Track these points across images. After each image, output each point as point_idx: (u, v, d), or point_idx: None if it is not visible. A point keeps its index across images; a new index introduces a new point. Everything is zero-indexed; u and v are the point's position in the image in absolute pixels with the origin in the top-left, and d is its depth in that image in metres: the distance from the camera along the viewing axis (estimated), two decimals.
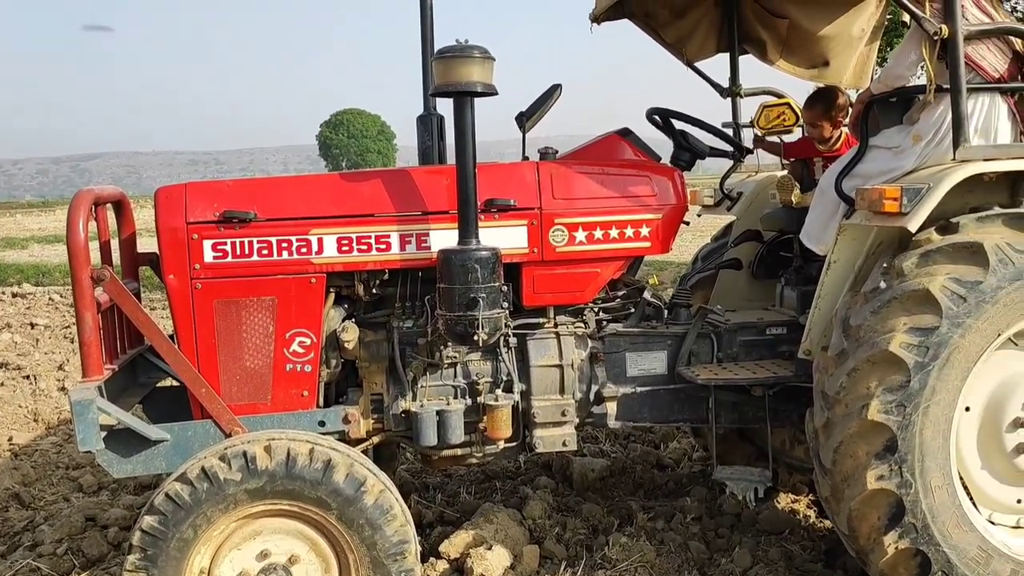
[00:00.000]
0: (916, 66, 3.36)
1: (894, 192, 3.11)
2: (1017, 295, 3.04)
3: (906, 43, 3.41)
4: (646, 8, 4.54)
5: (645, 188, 3.69)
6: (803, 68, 4.78)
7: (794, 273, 4.19)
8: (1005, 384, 3.26)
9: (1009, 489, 3.32)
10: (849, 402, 3.14)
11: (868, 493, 3.10)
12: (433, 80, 3.27)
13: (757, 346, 3.97)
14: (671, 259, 13.00)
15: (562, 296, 3.69)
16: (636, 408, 3.83)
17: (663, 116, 3.98)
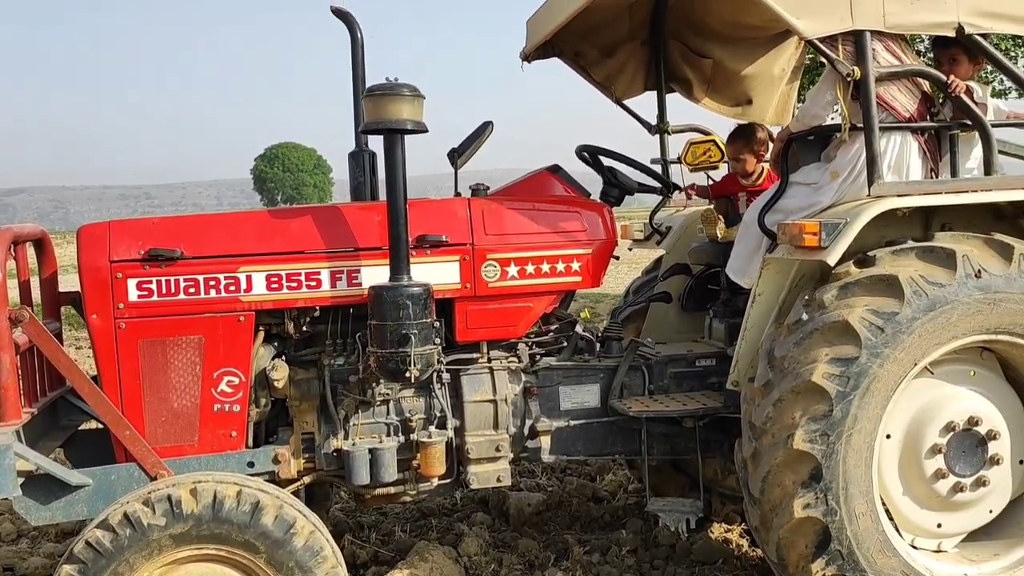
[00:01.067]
0: (831, 106, 3.50)
1: (813, 227, 3.21)
2: (931, 325, 3.16)
3: (822, 84, 3.55)
4: (575, 47, 4.63)
5: (575, 223, 3.74)
6: (727, 106, 4.92)
7: (722, 306, 4.28)
8: (923, 412, 3.36)
9: (929, 514, 3.42)
10: (775, 432, 3.21)
11: (795, 521, 3.17)
12: (363, 117, 3.29)
13: (687, 378, 4.03)
14: (607, 291, 13.15)
15: (495, 331, 3.70)
16: (570, 441, 3.85)
17: (592, 153, 4.05)
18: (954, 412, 3.34)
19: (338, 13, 3.89)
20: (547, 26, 4.19)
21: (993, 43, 8.80)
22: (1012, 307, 3.21)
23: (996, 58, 3.47)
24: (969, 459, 3.37)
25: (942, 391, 3.39)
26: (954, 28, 3.32)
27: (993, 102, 3.88)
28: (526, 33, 4.55)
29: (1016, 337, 3.27)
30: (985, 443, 3.37)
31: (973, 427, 3.35)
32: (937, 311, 3.15)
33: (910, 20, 3.29)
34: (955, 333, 3.21)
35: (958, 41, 3.44)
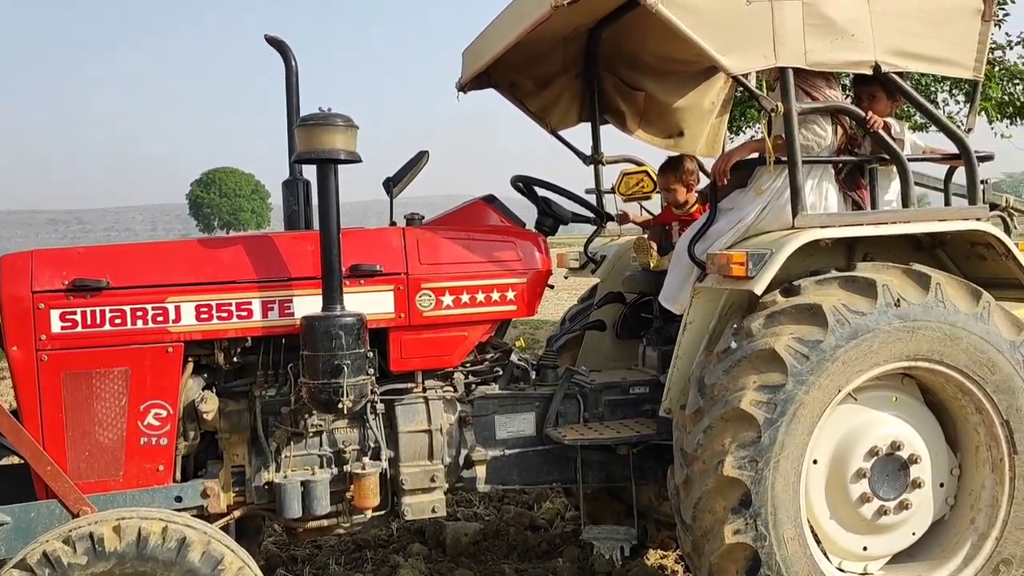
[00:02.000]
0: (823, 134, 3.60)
1: (740, 257, 3.29)
2: (854, 353, 3.25)
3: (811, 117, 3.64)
4: (511, 78, 4.69)
5: (510, 253, 3.77)
6: (660, 138, 5.02)
7: (655, 333, 4.34)
8: (848, 437, 3.45)
9: (856, 537, 3.50)
10: (706, 459, 3.26)
11: (726, 547, 3.21)
12: (296, 147, 3.27)
13: (622, 405, 4.07)
14: (546, 319, 13.21)
15: (430, 360, 3.70)
16: (505, 471, 3.85)
17: (527, 183, 4.09)
18: (877, 437, 3.44)
19: (272, 42, 3.88)
20: (482, 57, 4.25)
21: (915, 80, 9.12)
22: (930, 334, 3.32)
23: (911, 95, 3.61)
24: (892, 483, 3.46)
25: (865, 417, 3.48)
26: (871, 66, 3.45)
27: (910, 137, 4.04)
28: (462, 64, 4.60)
29: (934, 364, 3.37)
30: (907, 467, 3.47)
31: (895, 451, 3.45)
32: (859, 339, 3.25)
33: (830, 58, 3.41)
34: (876, 360, 3.30)
35: (877, 79, 3.58)
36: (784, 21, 3.30)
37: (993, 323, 3.40)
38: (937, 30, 3.54)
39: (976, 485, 3.55)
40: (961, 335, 3.35)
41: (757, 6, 3.27)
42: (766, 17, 3.28)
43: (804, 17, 3.32)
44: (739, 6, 3.26)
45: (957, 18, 3.58)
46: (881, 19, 3.44)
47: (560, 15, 3.41)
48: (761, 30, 3.29)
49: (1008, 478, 3.47)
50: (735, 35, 3.28)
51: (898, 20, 3.47)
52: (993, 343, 3.38)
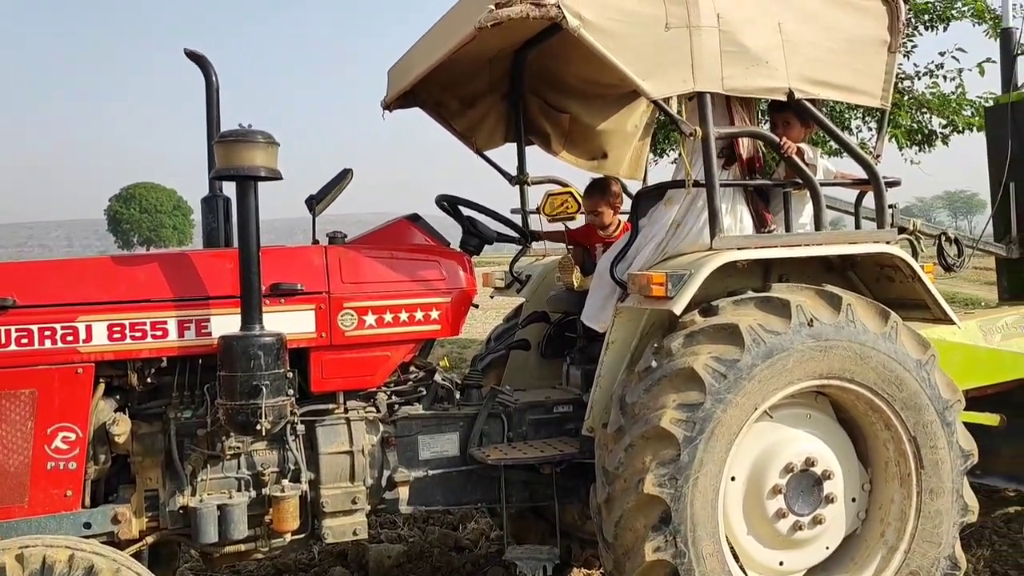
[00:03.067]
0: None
1: (660, 278, 3.34)
2: (769, 371, 3.33)
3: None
4: (437, 98, 4.69)
5: (434, 272, 3.76)
6: (584, 159, 5.09)
7: (578, 353, 4.37)
8: (764, 454, 3.52)
9: (772, 552, 3.57)
10: (627, 477, 3.29)
11: (647, 565, 3.23)
12: (216, 163, 3.22)
13: (545, 424, 4.08)
14: (474, 338, 13.19)
15: (352, 380, 3.66)
16: (429, 491, 3.82)
17: (451, 203, 4.10)
18: (792, 454, 3.52)
19: (192, 56, 3.81)
20: (407, 76, 4.24)
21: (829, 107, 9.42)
22: (841, 353, 3.42)
23: (822, 121, 3.73)
24: (807, 498, 3.54)
25: (781, 434, 3.56)
26: (785, 93, 3.57)
27: (823, 162, 4.18)
28: (387, 82, 4.59)
29: (845, 382, 3.47)
30: (821, 483, 3.56)
31: (810, 467, 3.54)
32: (774, 358, 3.33)
33: (746, 84, 3.51)
34: (791, 379, 3.39)
35: (791, 105, 3.69)
36: (702, 47, 3.38)
37: (900, 342, 3.53)
38: (846, 60, 3.68)
39: (886, 499, 3.67)
40: (870, 354, 3.46)
41: (676, 32, 3.35)
42: (684, 43, 3.36)
43: (721, 44, 3.42)
44: (659, 32, 3.34)
45: (865, 49, 3.73)
46: (794, 48, 3.56)
47: (485, 36, 3.43)
48: (680, 56, 3.37)
49: (915, 492, 3.58)
50: (655, 60, 3.35)
51: (810, 49, 3.60)
52: (900, 362, 3.50)
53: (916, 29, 9.98)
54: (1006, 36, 5.45)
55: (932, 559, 3.60)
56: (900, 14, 3.74)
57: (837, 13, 3.69)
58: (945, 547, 3.62)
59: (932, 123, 10.21)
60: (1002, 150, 5.29)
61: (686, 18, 3.36)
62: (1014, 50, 5.40)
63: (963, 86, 10.05)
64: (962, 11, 9.84)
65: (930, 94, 10.11)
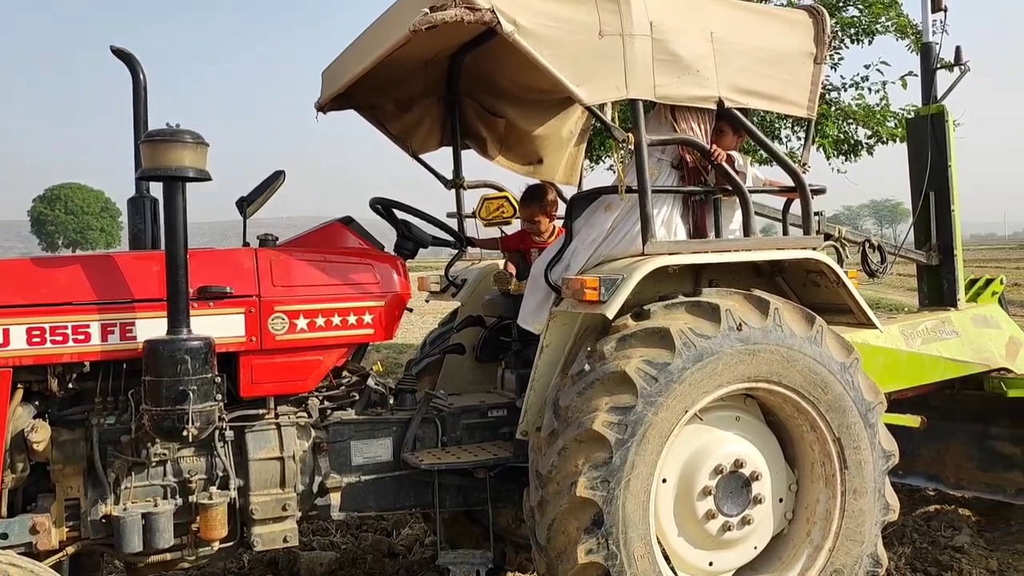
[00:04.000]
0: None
1: (593, 282, 3.37)
2: (699, 375, 3.38)
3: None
4: (371, 100, 4.66)
5: (368, 276, 3.73)
6: (520, 164, 5.10)
7: (514, 357, 4.38)
8: (695, 456, 3.58)
9: (702, 553, 3.63)
10: (560, 480, 3.31)
11: (579, 567, 3.25)
12: (142, 163, 3.14)
13: (480, 428, 4.08)
14: (411, 343, 13.12)
15: (283, 385, 3.60)
16: (361, 497, 3.79)
17: (386, 206, 4.07)
18: (722, 456, 3.58)
19: (119, 54, 3.72)
20: (341, 78, 4.20)
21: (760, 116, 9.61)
22: (769, 357, 3.50)
23: (750, 130, 3.81)
24: (736, 499, 3.61)
25: (711, 436, 3.62)
26: (715, 101, 3.64)
27: (752, 170, 4.27)
28: (321, 84, 4.54)
29: (773, 384, 3.55)
30: (749, 484, 3.63)
31: (739, 469, 3.60)
32: (704, 361, 3.38)
33: (678, 92, 3.57)
34: (720, 382, 3.45)
35: (724, 114, 3.76)
36: (635, 55, 3.43)
37: (826, 346, 3.62)
38: (774, 70, 3.77)
39: (812, 500, 3.75)
40: (797, 357, 3.54)
41: (609, 40, 3.39)
42: (618, 51, 3.40)
43: (653, 52, 3.47)
44: (592, 39, 3.37)
45: (792, 60, 3.83)
46: (724, 57, 3.63)
47: (420, 40, 3.42)
48: (613, 63, 3.41)
49: (840, 492, 3.68)
50: (589, 67, 3.38)
51: (739, 59, 3.68)
52: (826, 365, 3.59)
53: (843, 42, 10.26)
54: (926, 51, 5.63)
55: (855, 557, 3.70)
56: (825, 27, 3.85)
57: (765, 24, 3.78)
58: (868, 545, 3.72)
59: (858, 134, 10.50)
60: (922, 160, 5.46)
61: (620, 26, 3.40)
62: (933, 64, 5.59)
63: (887, 98, 10.37)
64: (886, 26, 10.15)
65: (856, 105, 10.40)
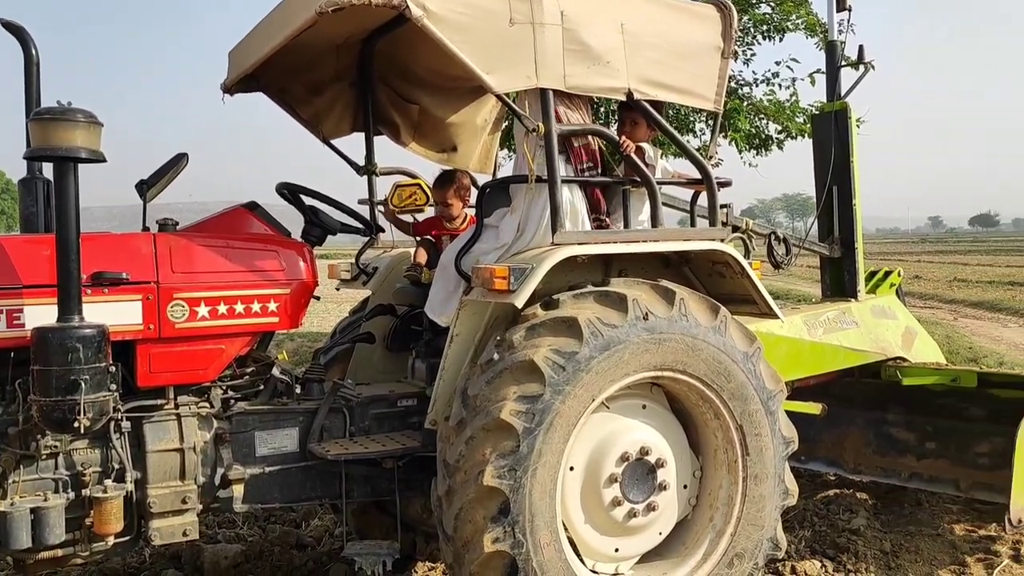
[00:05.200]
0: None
1: (503, 271, 3.37)
2: (607, 364, 3.41)
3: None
4: (280, 83, 4.54)
5: (273, 262, 3.65)
6: (434, 152, 5.06)
7: (424, 346, 4.35)
8: (602, 444, 3.61)
9: (608, 539, 3.67)
10: (467, 469, 3.30)
11: (485, 556, 3.26)
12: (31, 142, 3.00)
13: (389, 418, 4.04)
14: (325, 331, 12.94)
15: (183, 375, 3.50)
16: (266, 489, 3.71)
17: (293, 191, 3.99)
18: (628, 443, 3.63)
19: (9, 27, 3.54)
20: (249, 60, 4.09)
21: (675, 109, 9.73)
22: (674, 346, 3.55)
23: (659, 122, 3.85)
24: (641, 486, 3.66)
25: (617, 424, 3.67)
26: (625, 93, 3.66)
27: (662, 163, 4.32)
28: (228, 64, 4.41)
29: (678, 373, 3.60)
30: (654, 471, 3.68)
31: (644, 456, 3.65)
32: (611, 350, 3.41)
33: (588, 83, 3.58)
34: (627, 370, 3.48)
35: (634, 106, 3.79)
36: (545, 44, 3.43)
37: (729, 335, 3.70)
38: (683, 63, 3.82)
39: (715, 486, 3.84)
40: (701, 347, 3.61)
41: (520, 28, 3.38)
42: (528, 39, 3.40)
43: (564, 42, 3.47)
44: (503, 27, 3.35)
45: (700, 54, 3.88)
46: (634, 49, 3.66)
47: (329, 23, 3.35)
48: (524, 51, 3.40)
49: (741, 478, 3.77)
50: (499, 55, 3.37)
51: (649, 51, 3.71)
52: (729, 354, 3.67)
53: (755, 39, 10.51)
54: (831, 49, 5.80)
55: (756, 541, 3.80)
56: (732, 21, 3.91)
57: (675, 18, 3.82)
58: (768, 529, 3.83)
59: (769, 129, 10.78)
60: (826, 156, 5.63)
61: (530, 15, 3.39)
62: (838, 62, 5.76)
63: (796, 94, 10.68)
64: (796, 24, 10.43)
65: (767, 101, 10.67)
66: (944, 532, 5.18)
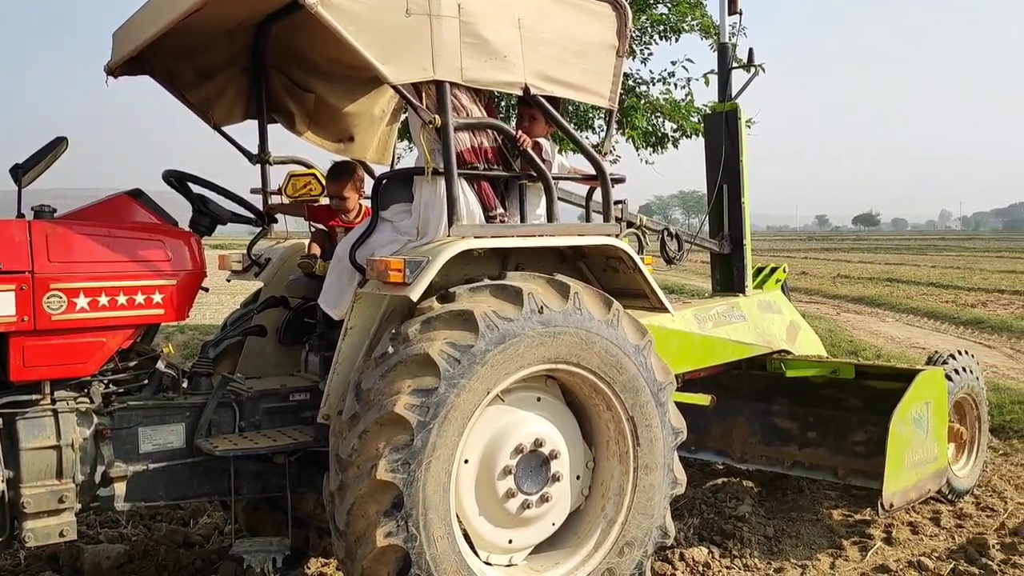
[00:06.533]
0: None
1: (398, 264, 3.34)
2: (502, 356, 3.43)
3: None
4: (169, 67, 4.38)
5: (158, 252, 3.53)
6: (330, 141, 4.98)
7: (318, 339, 4.28)
8: (496, 436, 3.63)
9: (502, 531, 3.70)
10: (360, 464, 3.27)
11: (378, 550, 3.23)
12: None
13: (280, 413, 3.97)
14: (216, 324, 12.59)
15: (60, 369, 3.34)
16: (150, 486, 3.59)
17: (180, 179, 3.86)
18: (522, 435, 3.65)
19: None
20: (134, 41, 3.93)
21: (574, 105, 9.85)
22: (568, 339, 3.60)
23: (555, 118, 3.88)
24: (535, 478, 3.69)
25: (512, 416, 3.69)
26: (521, 88, 3.68)
27: (559, 158, 4.37)
28: (112, 45, 4.23)
29: (572, 366, 3.65)
30: (548, 462, 3.73)
31: (538, 448, 3.69)
32: (507, 343, 3.43)
33: (484, 76, 3.58)
34: (522, 363, 3.51)
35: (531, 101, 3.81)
36: (442, 36, 3.41)
37: (622, 329, 3.77)
38: (578, 60, 3.86)
39: (607, 476, 3.91)
40: (595, 340, 3.66)
41: (416, 19, 3.35)
42: (425, 31, 3.37)
43: (461, 35, 3.46)
44: (399, 17, 3.32)
45: (596, 51, 3.93)
46: (531, 44, 3.68)
47: (220, 6, 3.27)
48: (421, 43, 3.38)
49: (632, 468, 3.85)
50: (395, 45, 3.33)
51: (546, 47, 3.74)
52: (621, 347, 3.74)
53: (652, 38, 10.73)
54: (722, 51, 5.97)
55: (646, 529, 3.89)
56: (627, 20, 3.97)
57: (571, 15, 3.85)
58: (657, 518, 3.92)
59: (665, 127, 11.03)
60: (717, 155, 5.80)
61: (427, 6, 3.37)
62: (729, 64, 5.94)
63: (691, 94, 10.96)
64: (692, 25, 10.71)
65: (663, 100, 10.92)
66: (823, 517, 5.43)
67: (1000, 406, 8.06)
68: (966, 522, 5.35)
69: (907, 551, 4.92)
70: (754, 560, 4.78)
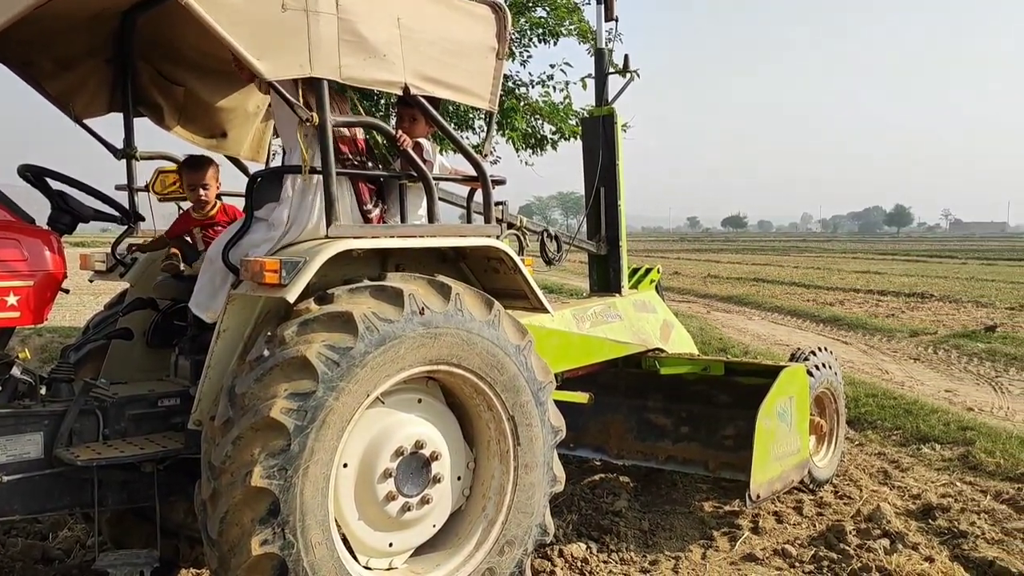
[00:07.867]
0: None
1: (274, 264, 3.26)
2: (382, 358, 3.39)
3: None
4: (25, 56, 4.13)
5: (12, 251, 3.32)
6: (202, 137, 4.80)
7: (188, 342, 4.12)
8: (376, 439, 3.58)
9: (382, 535, 3.66)
10: (234, 470, 3.16)
11: (253, 559, 3.14)
12: None
13: (149, 419, 3.80)
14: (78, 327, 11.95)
15: None
16: (4, 500, 3.37)
17: (38, 174, 3.64)
18: (403, 437, 3.62)
19: None
20: None
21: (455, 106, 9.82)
22: (450, 340, 3.60)
23: (435, 118, 3.87)
24: (416, 480, 3.67)
25: (393, 419, 3.65)
26: (401, 88, 3.65)
27: (440, 159, 4.36)
28: None
29: (453, 367, 3.65)
30: (429, 464, 3.71)
31: (419, 450, 3.67)
32: (387, 345, 3.39)
33: (363, 75, 3.53)
34: (403, 365, 3.48)
35: (412, 101, 3.78)
36: (320, 33, 3.34)
37: (502, 329, 3.79)
38: (459, 61, 3.86)
39: (488, 476, 3.93)
40: (476, 340, 3.68)
41: (293, 15, 3.27)
42: (302, 27, 3.29)
43: (339, 32, 3.39)
44: (275, 12, 3.23)
45: (476, 53, 3.94)
46: (411, 44, 3.65)
47: None
48: (297, 39, 3.30)
49: (513, 467, 3.89)
50: (270, 40, 3.24)
51: (426, 47, 3.72)
52: (502, 347, 3.77)
53: (532, 41, 10.84)
54: (599, 56, 6.10)
55: (526, 528, 3.94)
56: (507, 23, 4.00)
57: (451, 16, 3.85)
58: (537, 516, 3.97)
59: (544, 129, 11.16)
60: (595, 158, 5.92)
61: (304, 1, 3.29)
62: (605, 69, 6.07)
63: (570, 97, 11.11)
64: (570, 29, 10.86)
65: (543, 102, 11.04)
66: (695, 510, 5.63)
67: (856, 399, 8.58)
68: (826, 510, 5.65)
69: (773, 539, 5.15)
70: (630, 554, 4.90)
